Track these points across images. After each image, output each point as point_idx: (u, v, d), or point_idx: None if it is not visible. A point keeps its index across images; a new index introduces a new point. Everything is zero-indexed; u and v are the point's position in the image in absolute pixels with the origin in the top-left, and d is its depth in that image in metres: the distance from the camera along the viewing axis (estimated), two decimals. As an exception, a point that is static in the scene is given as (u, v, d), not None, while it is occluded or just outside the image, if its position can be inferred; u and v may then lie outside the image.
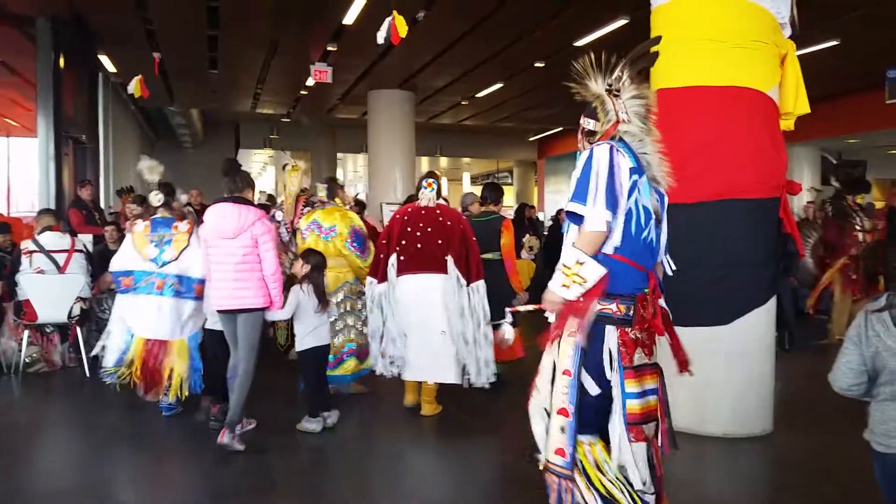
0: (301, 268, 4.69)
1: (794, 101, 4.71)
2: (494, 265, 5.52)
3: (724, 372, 4.55)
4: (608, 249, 2.65)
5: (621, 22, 9.63)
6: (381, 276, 5.02)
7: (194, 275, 4.92)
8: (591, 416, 2.69)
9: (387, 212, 12.55)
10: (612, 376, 2.67)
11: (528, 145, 26.23)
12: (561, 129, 22.85)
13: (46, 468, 4.20)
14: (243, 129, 22.57)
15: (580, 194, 2.65)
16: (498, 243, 5.64)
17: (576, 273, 2.58)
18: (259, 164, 31.08)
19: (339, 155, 24.34)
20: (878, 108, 11.68)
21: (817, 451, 4.47)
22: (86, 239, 7.24)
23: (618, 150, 2.68)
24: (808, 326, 8.02)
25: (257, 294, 4.36)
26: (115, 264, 5.13)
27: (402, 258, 4.93)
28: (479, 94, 14.87)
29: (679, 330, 4.62)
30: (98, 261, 6.94)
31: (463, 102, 15.93)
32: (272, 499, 3.75)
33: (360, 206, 8.03)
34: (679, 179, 4.58)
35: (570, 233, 2.74)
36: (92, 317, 6.54)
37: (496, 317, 4.82)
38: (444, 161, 27.94)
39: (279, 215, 6.17)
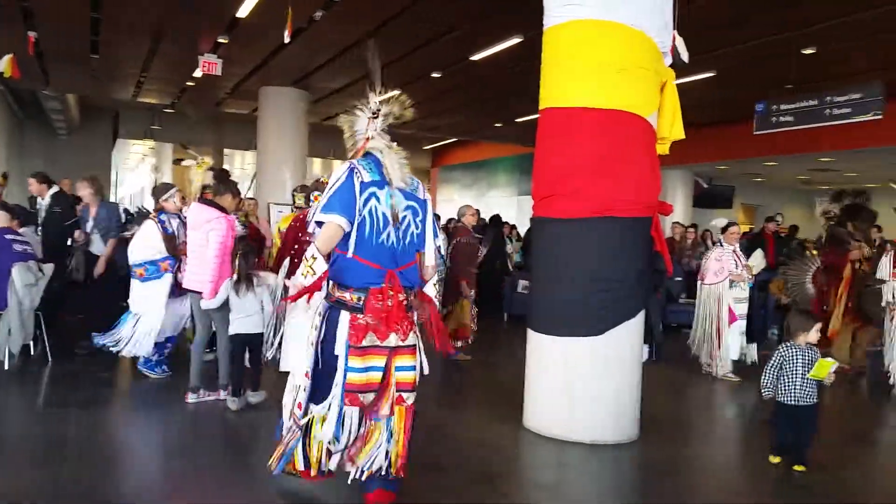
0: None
1: (671, 127, 4.97)
2: None
3: (595, 381, 4.74)
4: (349, 250, 3.25)
5: (516, 40, 9.90)
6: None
7: None
8: (324, 383, 3.33)
9: (274, 213, 12.26)
10: (339, 351, 3.27)
11: (422, 153, 26.39)
12: (455, 139, 23.16)
13: None
14: (123, 118, 21.50)
15: (323, 205, 3.26)
16: None
17: (310, 266, 3.21)
18: (138, 156, 29.66)
19: (226, 151, 23.61)
20: (746, 139, 12.50)
21: (681, 459, 4.71)
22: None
23: (355, 170, 3.28)
24: (676, 341, 8.50)
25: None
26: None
27: (295, 261, 5.40)
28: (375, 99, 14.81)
29: (553, 339, 4.86)
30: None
31: (358, 106, 15.81)
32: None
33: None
34: (560, 196, 4.82)
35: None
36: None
37: None
38: (336, 164, 27.67)
39: (185, 210, 6.40)
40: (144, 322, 5.88)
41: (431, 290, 3.55)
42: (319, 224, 3.30)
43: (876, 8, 8.05)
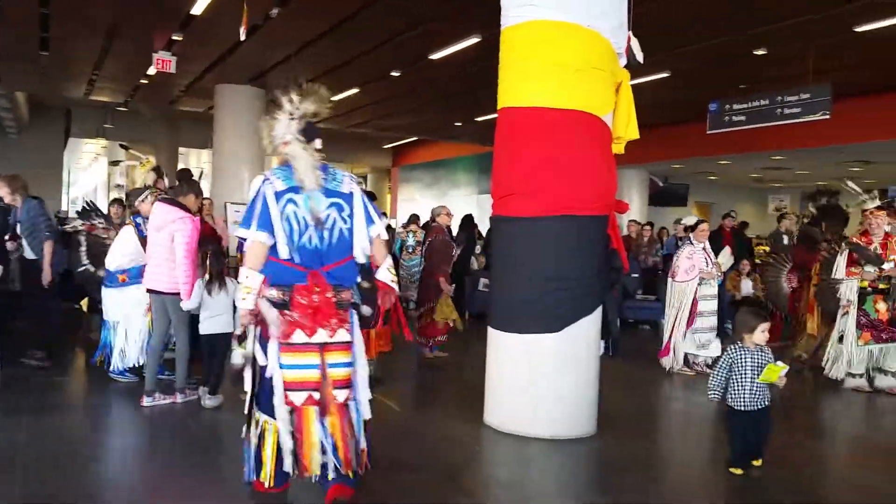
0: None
1: (626, 127, 5.05)
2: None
3: (553, 376, 4.79)
4: (272, 253, 3.31)
5: (474, 40, 9.95)
6: None
7: None
8: (265, 384, 3.33)
9: (231, 212, 12.12)
10: (270, 348, 3.30)
11: (383, 152, 26.34)
12: (416, 138, 23.15)
13: None
14: (75, 116, 20.96)
15: (243, 220, 3.36)
16: None
17: (246, 286, 3.28)
18: (90, 155, 28.99)
19: (182, 149, 23.22)
20: (700, 138, 12.77)
21: (639, 453, 4.77)
22: None
23: (269, 180, 3.34)
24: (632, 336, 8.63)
25: (171, 281, 5.13)
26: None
27: None
28: (334, 98, 14.68)
29: (512, 337, 4.91)
30: None
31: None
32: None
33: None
34: (518, 195, 4.86)
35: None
36: None
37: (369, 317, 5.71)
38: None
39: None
40: (132, 330, 5.82)
41: (384, 274, 3.56)
42: (241, 239, 3.41)
43: (823, 10, 8.30)
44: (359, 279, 3.49)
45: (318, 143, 3.45)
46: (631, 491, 4.08)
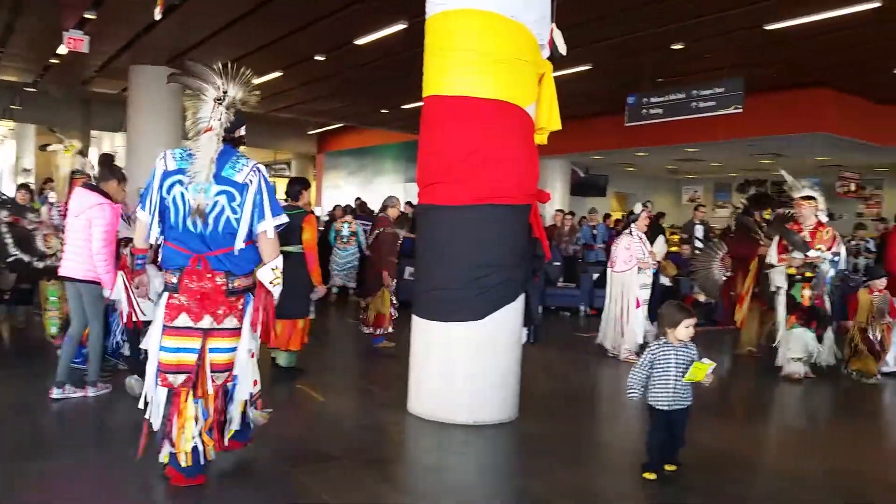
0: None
1: (549, 118, 5.13)
2: (295, 258, 5.73)
3: (475, 363, 4.86)
4: (166, 234, 3.45)
5: (400, 26, 9.89)
6: None
7: None
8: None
9: (148, 198, 11.70)
10: (154, 330, 3.42)
11: (307, 138, 25.91)
12: (342, 125, 22.87)
13: None
14: (-22, 96, 19.83)
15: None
16: (300, 237, 5.87)
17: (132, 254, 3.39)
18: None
19: (94, 133, 22.25)
20: (619, 130, 13.08)
21: (557, 437, 4.88)
22: None
23: (163, 158, 3.43)
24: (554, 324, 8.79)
25: (87, 269, 4.93)
26: None
27: None
28: (256, 81, 14.37)
29: (436, 325, 4.94)
30: None
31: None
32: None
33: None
34: (443, 183, 4.89)
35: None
36: None
37: (297, 308, 5.80)
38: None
39: (52, 197, 6.21)
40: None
41: (265, 274, 3.50)
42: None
43: (736, 7, 8.63)
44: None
45: (242, 130, 3.47)
46: (551, 473, 4.16)
